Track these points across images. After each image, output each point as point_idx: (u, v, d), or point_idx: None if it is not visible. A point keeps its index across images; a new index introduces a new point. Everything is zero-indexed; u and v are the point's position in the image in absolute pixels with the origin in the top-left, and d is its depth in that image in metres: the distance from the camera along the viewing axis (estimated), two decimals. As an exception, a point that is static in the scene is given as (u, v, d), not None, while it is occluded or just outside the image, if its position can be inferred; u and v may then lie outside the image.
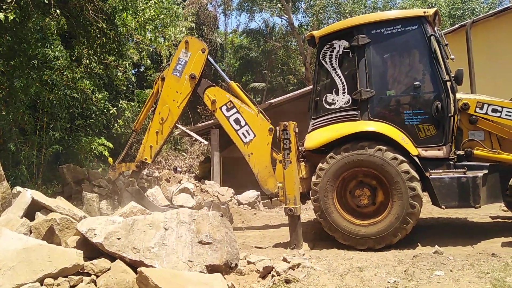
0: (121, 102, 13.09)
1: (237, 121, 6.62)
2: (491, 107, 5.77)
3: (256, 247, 6.17)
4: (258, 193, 10.67)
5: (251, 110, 6.65)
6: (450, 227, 7.12)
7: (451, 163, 5.74)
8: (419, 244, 5.79)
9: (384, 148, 5.65)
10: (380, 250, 5.62)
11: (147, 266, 3.71)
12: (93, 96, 10.27)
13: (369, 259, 5.17)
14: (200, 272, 3.85)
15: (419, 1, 22.71)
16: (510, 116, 5.69)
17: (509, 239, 5.70)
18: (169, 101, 6.86)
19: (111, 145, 11.69)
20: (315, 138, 6.25)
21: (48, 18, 8.56)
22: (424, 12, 5.96)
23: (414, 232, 5.78)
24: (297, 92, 15.01)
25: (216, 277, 3.71)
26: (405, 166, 5.56)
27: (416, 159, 5.69)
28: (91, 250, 3.91)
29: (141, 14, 9.45)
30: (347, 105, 6.12)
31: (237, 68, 32.17)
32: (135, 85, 17.23)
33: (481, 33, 11.26)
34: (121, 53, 10.22)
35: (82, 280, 3.62)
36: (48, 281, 3.46)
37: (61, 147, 9.62)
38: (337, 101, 6.20)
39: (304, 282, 4.22)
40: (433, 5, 20.40)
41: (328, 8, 25.81)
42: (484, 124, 5.83)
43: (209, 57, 6.96)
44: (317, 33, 6.55)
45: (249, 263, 4.61)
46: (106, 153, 11.08)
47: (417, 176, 5.58)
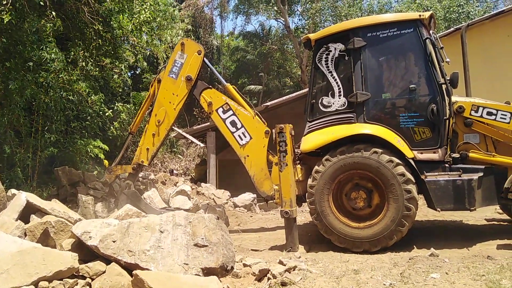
0: (117, 104, 13.06)
1: (233, 124, 6.62)
2: (486, 110, 5.80)
3: (252, 250, 6.16)
4: (254, 195, 10.64)
5: (247, 112, 6.65)
6: (445, 229, 7.14)
7: (447, 165, 5.76)
8: (415, 246, 5.81)
9: (380, 150, 5.66)
10: (376, 252, 5.62)
11: (142, 269, 3.70)
12: (89, 98, 10.25)
13: (365, 262, 5.17)
14: (195, 275, 3.84)
15: (414, 5, 22.78)
16: (505, 119, 5.73)
17: (504, 241, 5.72)
18: (165, 103, 6.85)
19: (106, 148, 11.67)
20: (311, 140, 6.26)
21: (44, 20, 8.53)
22: (419, 15, 5.99)
23: (410, 234, 5.79)
24: (293, 94, 14.98)
25: (212, 280, 3.70)
26: (401, 168, 5.58)
27: (411, 161, 5.71)
28: (86, 253, 3.90)
29: (136, 16, 9.44)
30: (343, 107, 6.14)
31: (233, 70, 32.18)
32: (131, 87, 17.17)
33: (476, 37, 11.30)
34: (117, 56, 10.20)
35: (77, 283, 3.60)
36: (43, 284, 3.45)
37: (57, 150, 9.58)
38: (333, 103, 6.21)
39: (300, 284, 4.21)
40: (429, 8, 20.46)
41: (324, 11, 25.85)
42: (479, 127, 5.86)
43: (205, 59, 6.97)
44: (313, 36, 6.58)
45: (245, 265, 4.60)
46: (101, 156, 11.05)
47: (412, 178, 5.59)
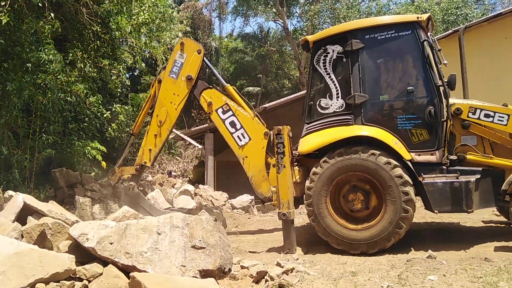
0: (115, 106, 13.01)
1: (232, 124, 6.62)
2: (483, 112, 5.81)
3: (250, 252, 6.15)
4: (252, 197, 10.64)
5: (247, 113, 6.66)
6: (443, 231, 7.15)
7: (444, 167, 5.77)
8: (412, 248, 5.80)
9: (377, 152, 5.66)
10: (373, 254, 5.62)
11: (139, 271, 3.69)
12: (87, 99, 10.23)
13: (363, 264, 5.17)
14: (193, 277, 3.84)
15: (412, 7, 22.87)
16: (502, 121, 5.74)
17: (501, 243, 5.72)
18: (166, 104, 6.85)
19: (104, 149, 11.62)
20: (309, 142, 6.26)
21: (42, 21, 8.53)
22: (417, 17, 6.01)
23: (407, 236, 5.79)
24: (291, 96, 15.01)
25: (209, 282, 3.70)
26: (398, 170, 5.57)
27: (409, 163, 5.71)
28: (83, 254, 3.89)
29: (135, 17, 9.45)
30: (340, 109, 6.14)
31: (232, 72, 32.20)
32: (129, 89, 17.15)
33: (474, 39, 11.33)
34: (115, 57, 10.20)
35: (74, 285, 3.60)
36: (39, 286, 3.45)
37: (54, 151, 9.55)
38: (331, 105, 6.21)
39: (297, 286, 4.20)
40: (427, 10, 20.52)
41: (322, 13, 25.89)
42: (476, 129, 5.88)
43: (205, 59, 6.97)
44: (311, 38, 6.58)
45: (242, 267, 4.59)
46: (99, 157, 11.01)
47: (410, 180, 5.59)
